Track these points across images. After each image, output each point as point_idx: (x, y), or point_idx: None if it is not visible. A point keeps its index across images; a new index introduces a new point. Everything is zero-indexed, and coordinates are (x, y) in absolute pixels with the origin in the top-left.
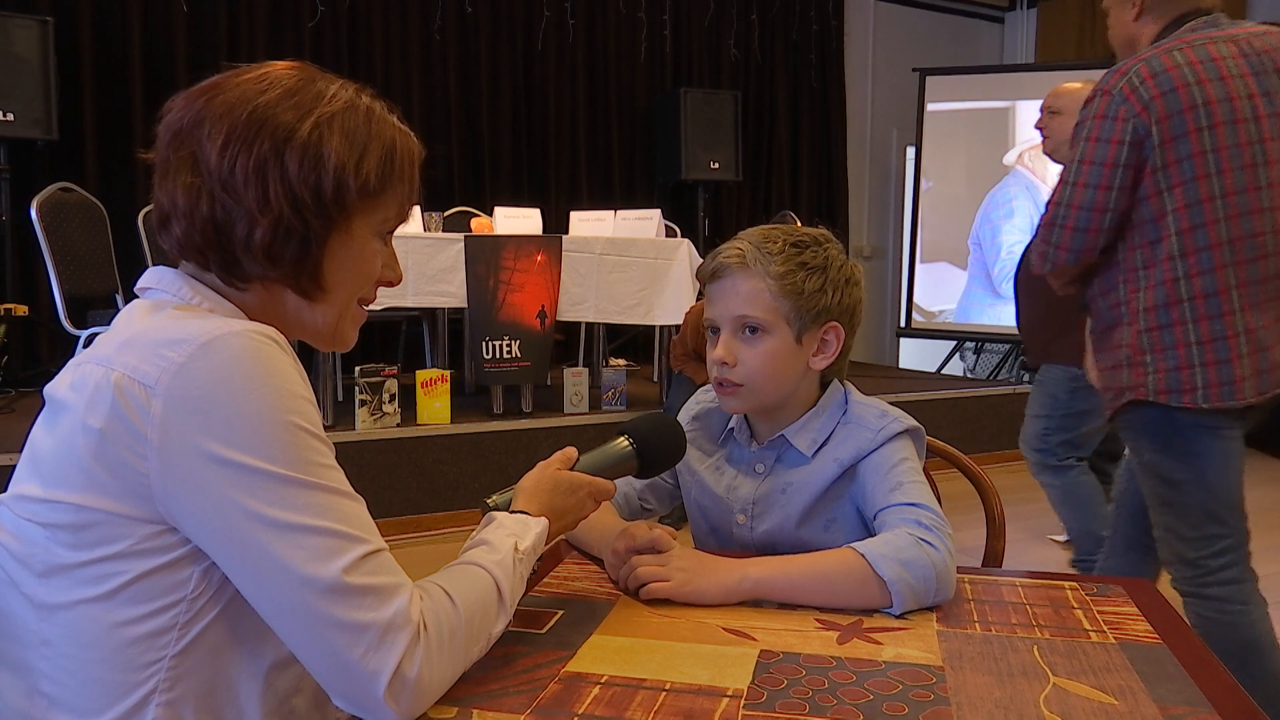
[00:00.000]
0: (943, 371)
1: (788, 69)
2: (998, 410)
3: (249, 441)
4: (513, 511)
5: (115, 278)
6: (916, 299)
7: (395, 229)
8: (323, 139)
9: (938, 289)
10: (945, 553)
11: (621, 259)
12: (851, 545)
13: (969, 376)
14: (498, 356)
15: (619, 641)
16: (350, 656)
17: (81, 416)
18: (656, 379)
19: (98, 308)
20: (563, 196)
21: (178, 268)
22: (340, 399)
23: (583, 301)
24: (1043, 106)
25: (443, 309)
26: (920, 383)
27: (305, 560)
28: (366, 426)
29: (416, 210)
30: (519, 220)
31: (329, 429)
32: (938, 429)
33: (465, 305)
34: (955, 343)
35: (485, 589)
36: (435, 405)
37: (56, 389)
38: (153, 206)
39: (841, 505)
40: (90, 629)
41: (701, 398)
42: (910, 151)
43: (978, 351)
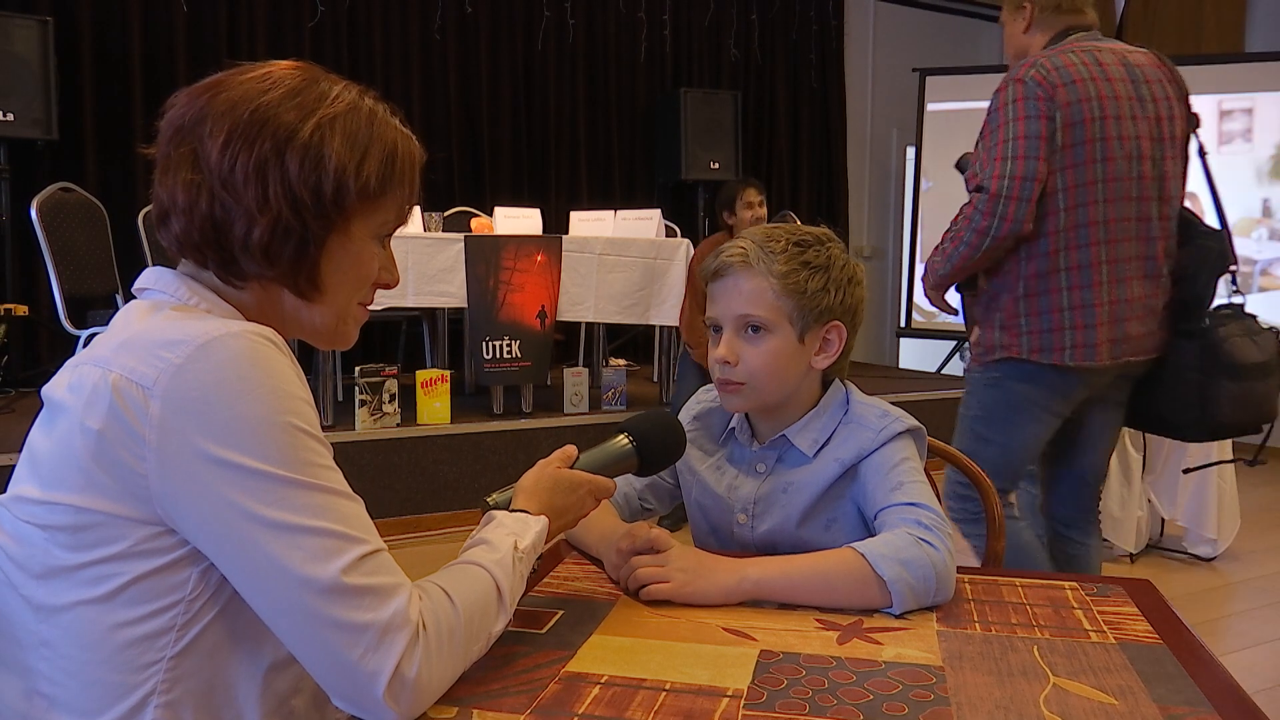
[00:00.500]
0: (943, 371)
1: (788, 69)
2: None
3: (247, 442)
4: (512, 510)
5: (115, 278)
6: (916, 299)
7: (394, 232)
8: (324, 140)
9: None
10: (945, 553)
11: (621, 259)
12: (851, 545)
13: None
14: (498, 356)
15: (619, 641)
16: (349, 657)
17: (79, 418)
18: (656, 379)
19: (98, 308)
20: (563, 196)
21: (176, 268)
22: (340, 399)
23: (582, 301)
24: None
25: (443, 309)
26: (920, 383)
27: (304, 561)
28: (366, 426)
29: (416, 210)
30: (519, 220)
31: (329, 429)
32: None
33: (465, 305)
34: (955, 343)
35: (485, 588)
36: (435, 405)
37: (54, 390)
38: (153, 202)
39: (842, 505)
40: (89, 630)
41: (703, 397)
42: (910, 151)
43: None
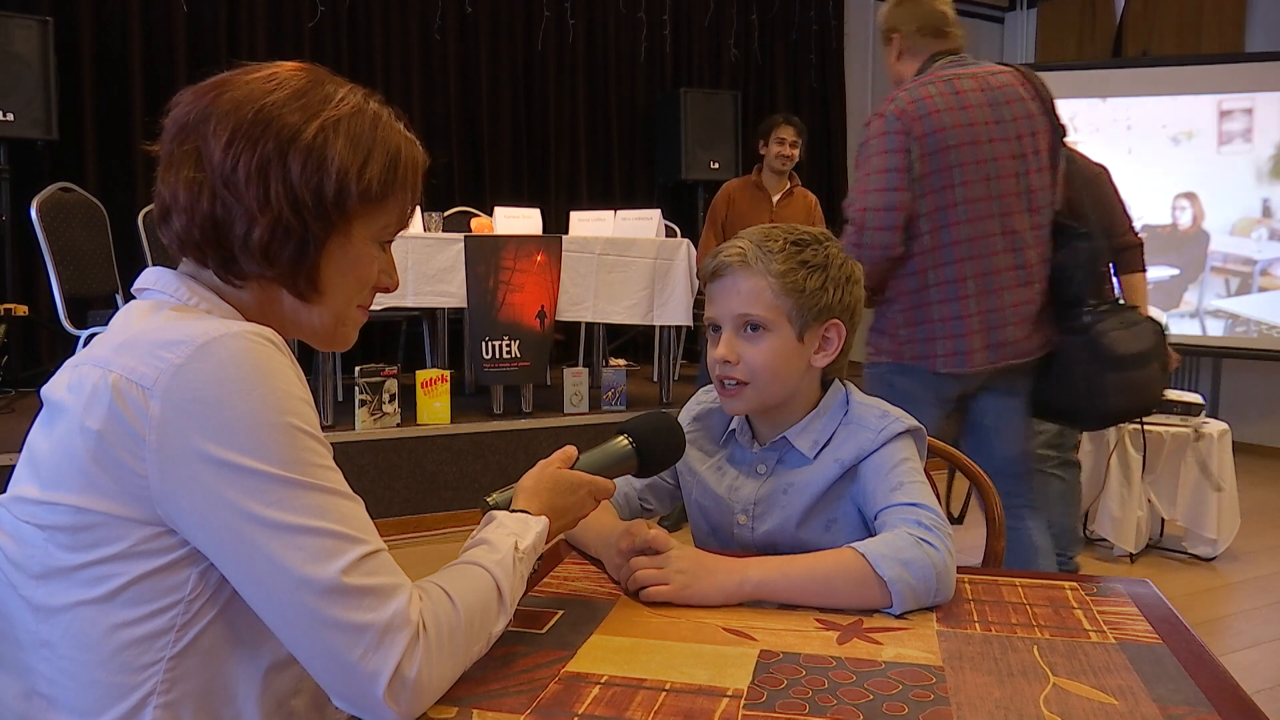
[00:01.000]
0: None
1: (788, 69)
2: None
3: (246, 443)
4: (513, 510)
5: (115, 278)
6: None
7: (395, 236)
8: (327, 142)
9: None
10: (945, 553)
11: (621, 259)
12: (851, 545)
13: None
14: (498, 356)
15: (619, 641)
16: (349, 657)
17: (79, 418)
18: (656, 379)
19: (98, 308)
20: (563, 196)
21: (176, 268)
22: (340, 399)
23: (582, 301)
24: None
25: (443, 309)
26: None
27: (303, 561)
28: (366, 426)
29: (416, 210)
30: (519, 220)
31: (329, 429)
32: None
33: (465, 305)
34: None
35: (485, 589)
36: (435, 405)
37: (54, 390)
38: (154, 199)
39: (842, 505)
40: (88, 631)
41: (702, 398)
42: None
43: None
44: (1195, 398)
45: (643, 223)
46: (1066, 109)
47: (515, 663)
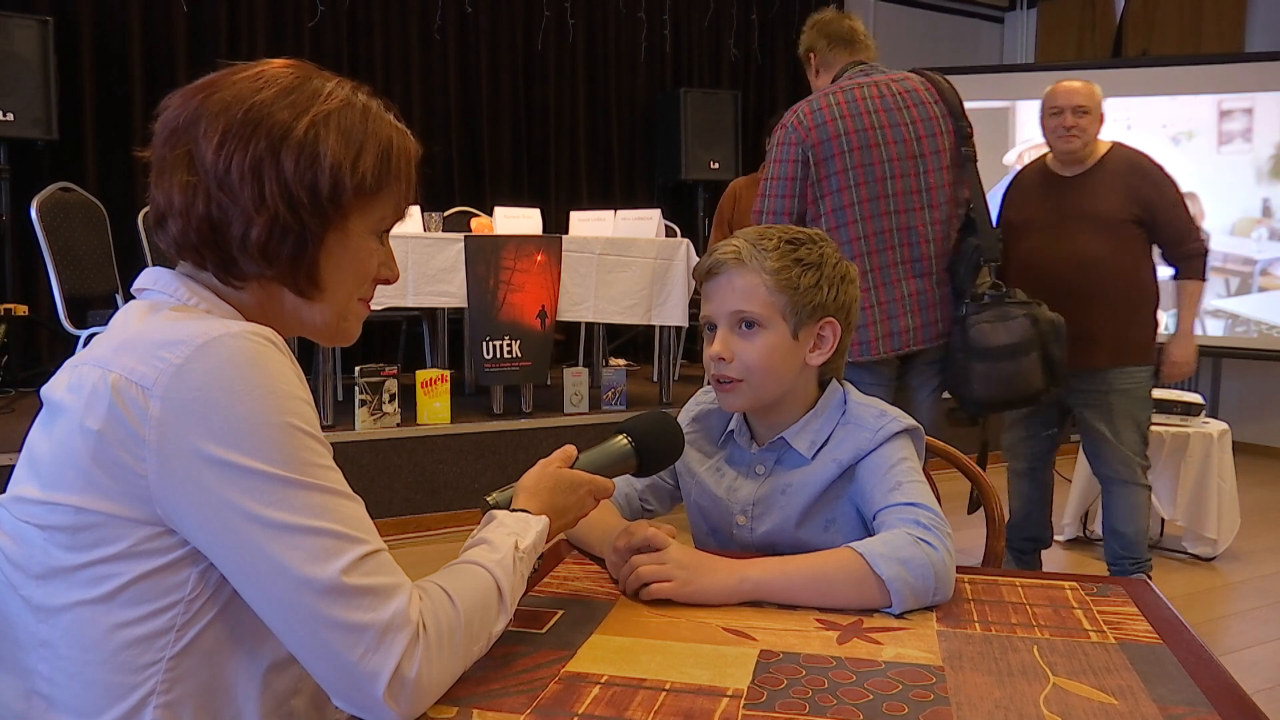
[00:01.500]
0: None
1: (788, 69)
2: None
3: (246, 443)
4: (513, 510)
5: (115, 278)
6: None
7: (392, 228)
8: (319, 137)
9: None
10: (944, 552)
11: (621, 259)
12: (850, 545)
13: None
14: (498, 356)
15: (619, 641)
16: (349, 657)
17: (79, 418)
18: (656, 379)
19: (98, 308)
20: (563, 196)
21: (175, 268)
22: (340, 399)
23: (582, 301)
24: (1063, 107)
25: (443, 309)
26: None
27: (303, 561)
28: (366, 426)
29: (416, 210)
30: (519, 220)
31: (329, 429)
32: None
33: (465, 305)
34: None
35: (485, 588)
36: (435, 405)
37: (53, 391)
38: (149, 205)
39: (841, 505)
40: (88, 631)
41: (701, 399)
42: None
43: None
44: (1195, 398)
45: (643, 223)
46: None
47: (515, 663)
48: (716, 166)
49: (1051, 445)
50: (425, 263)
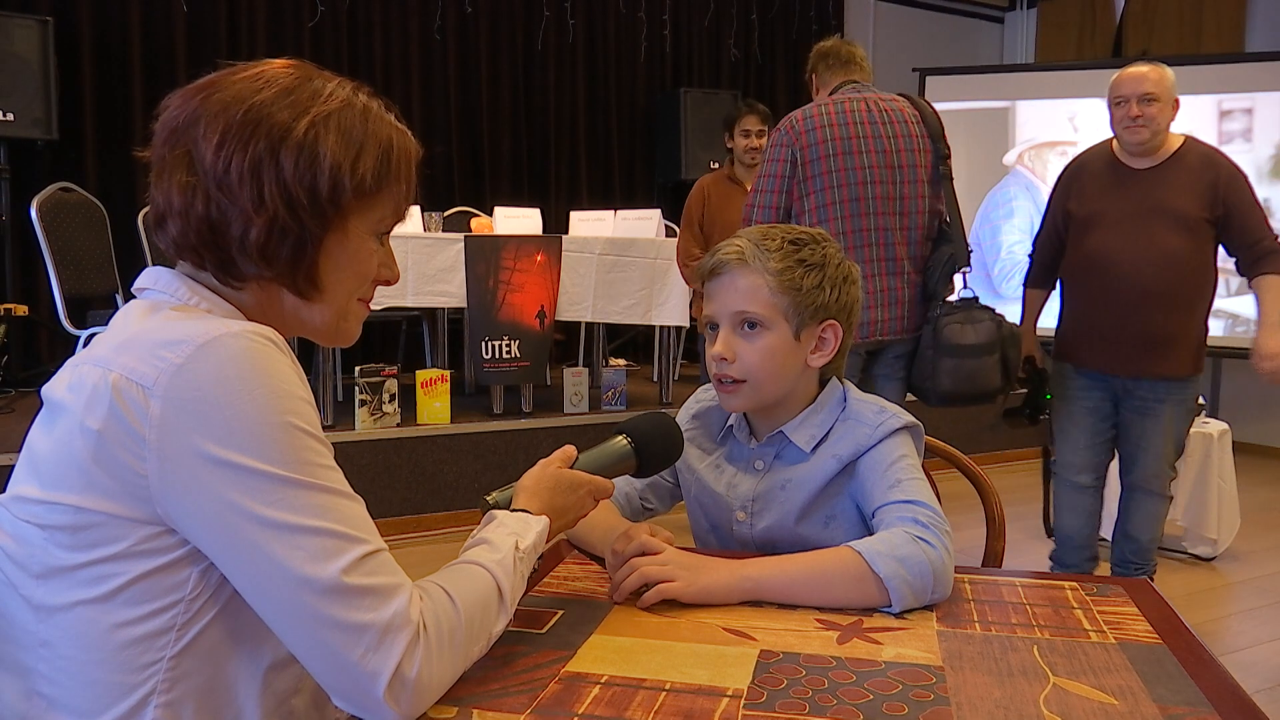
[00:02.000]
0: None
1: (788, 69)
2: (998, 410)
3: (247, 442)
4: (513, 510)
5: (115, 278)
6: None
7: (392, 228)
8: (318, 138)
9: None
10: (943, 550)
11: (621, 259)
12: (849, 544)
13: None
14: (498, 356)
15: (619, 641)
16: (349, 657)
17: (79, 418)
18: (656, 379)
19: (98, 308)
20: (563, 196)
21: (175, 268)
22: (340, 399)
23: (582, 301)
24: (1128, 95)
25: (443, 309)
26: None
27: (303, 561)
28: (366, 426)
29: (416, 210)
30: (519, 220)
31: (329, 429)
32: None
33: (465, 305)
34: None
35: (486, 588)
36: (435, 405)
37: (54, 390)
38: (149, 206)
39: (841, 502)
40: (89, 630)
41: (701, 396)
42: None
43: None
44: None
45: (643, 223)
46: (1066, 109)
47: (515, 663)
48: (716, 166)
49: (1111, 451)
50: (425, 263)
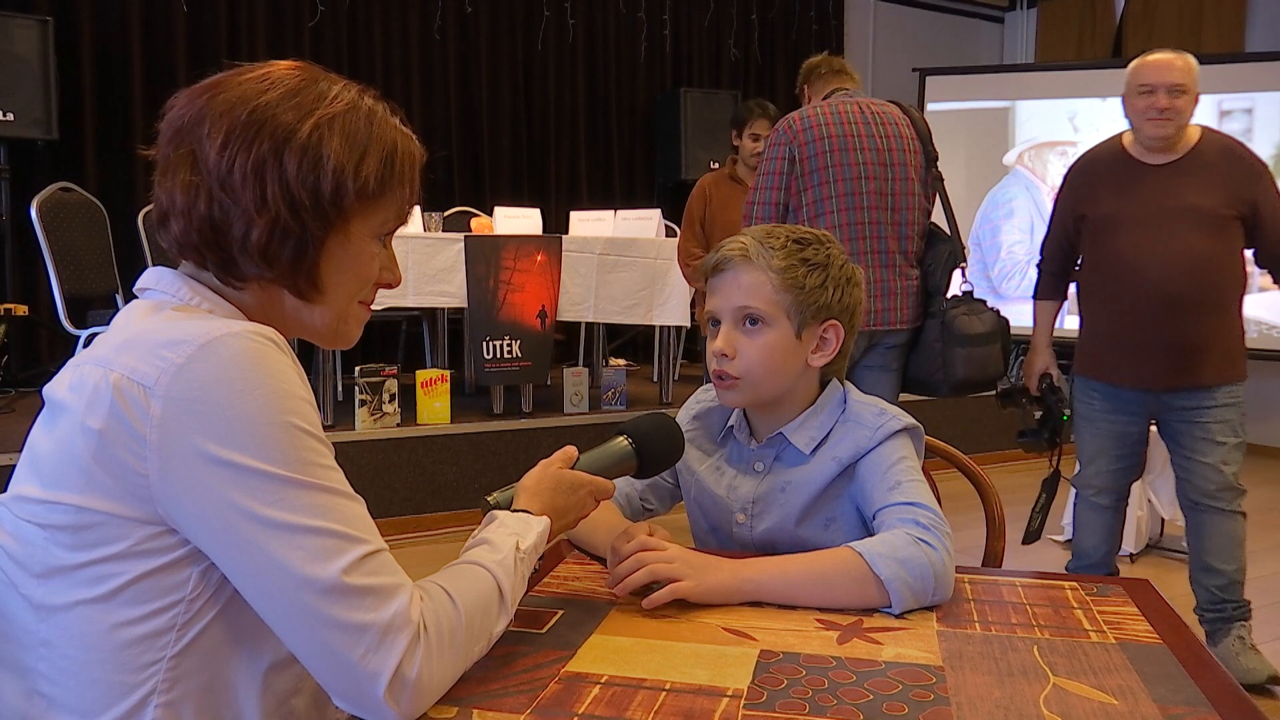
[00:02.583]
0: None
1: (788, 69)
2: (998, 410)
3: (247, 442)
4: (514, 510)
5: (115, 278)
6: None
7: (394, 231)
8: (322, 140)
9: None
10: (943, 552)
11: (621, 259)
12: (849, 544)
13: None
14: (498, 356)
15: (619, 641)
16: (350, 657)
17: (80, 417)
18: (656, 379)
19: (98, 308)
20: (563, 196)
21: (177, 268)
22: (340, 399)
23: (583, 301)
24: (1155, 85)
25: (443, 309)
26: None
27: (304, 561)
28: (366, 426)
29: (416, 210)
30: (519, 220)
31: (329, 429)
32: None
33: (465, 305)
34: None
35: (486, 589)
36: (435, 405)
37: (55, 390)
38: (153, 204)
39: (841, 504)
40: (89, 630)
41: (702, 397)
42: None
43: None
44: None
45: (643, 222)
46: (1066, 109)
47: (515, 663)
48: (716, 166)
49: (1138, 470)
50: (425, 263)
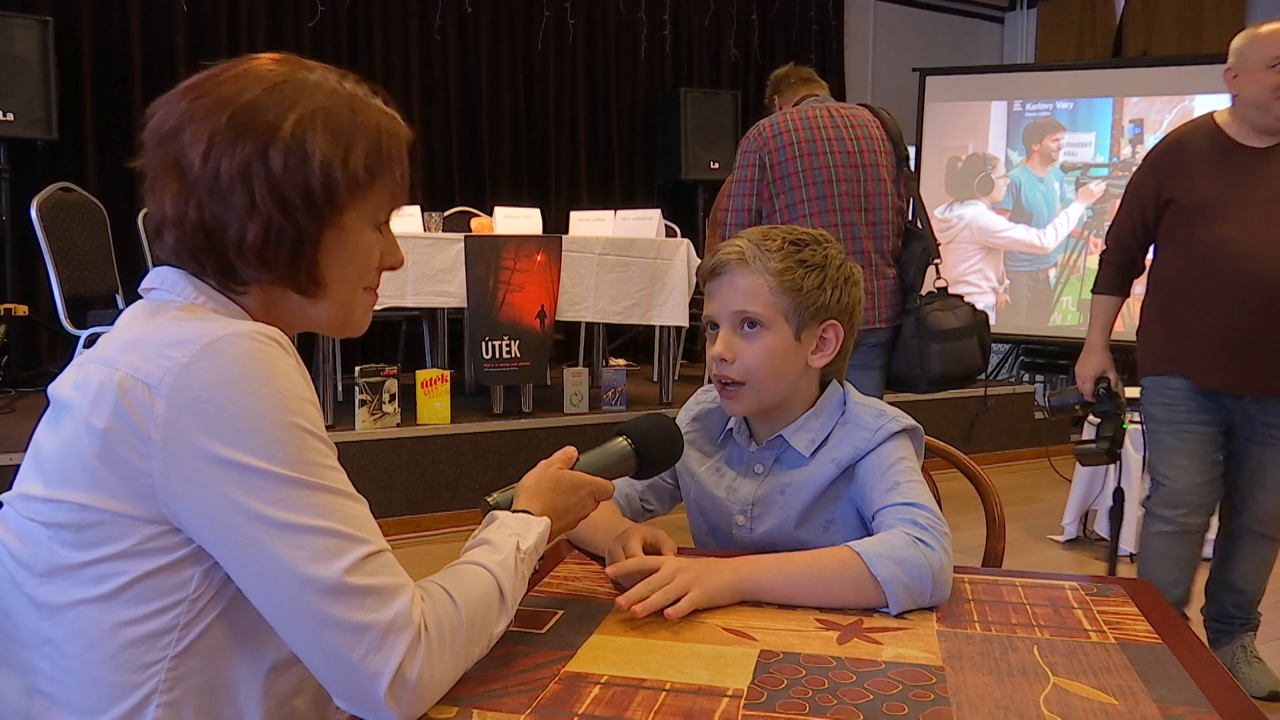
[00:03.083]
0: None
1: None
2: (998, 410)
3: (251, 442)
4: (514, 510)
5: (115, 278)
6: None
7: (390, 216)
8: (306, 136)
9: None
10: (941, 552)
11: (621, 259)
12: (848, 544)
13: None
14: (498, 356)
15: (619, 641)
16: (351, 657)
17: (85, 416)
18: (656, 379)
19: (98, 308)
20: (563, 196)
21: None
22: (340, 399)
23: (582, 301)
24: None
25: (443, 309)
26: None
27: (306, 561)
28: (366, 426)
29: (416, 210)
30: (519, 220)
31: (329, 429)
32: (938, 429)
33: (465, 305)
34: None
35: (487, 589)
36: (435, 405)
37: (60, 389)
38: (148, 216)
39: (840, 506)
40: (91, 629)
41: (701, 398)
42: (910, 151)
43: None
44: None
45: (643, 223)
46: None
47: (515, 663)
48: (716, 166)
49: (1223, 487)
50: (425, 263)
